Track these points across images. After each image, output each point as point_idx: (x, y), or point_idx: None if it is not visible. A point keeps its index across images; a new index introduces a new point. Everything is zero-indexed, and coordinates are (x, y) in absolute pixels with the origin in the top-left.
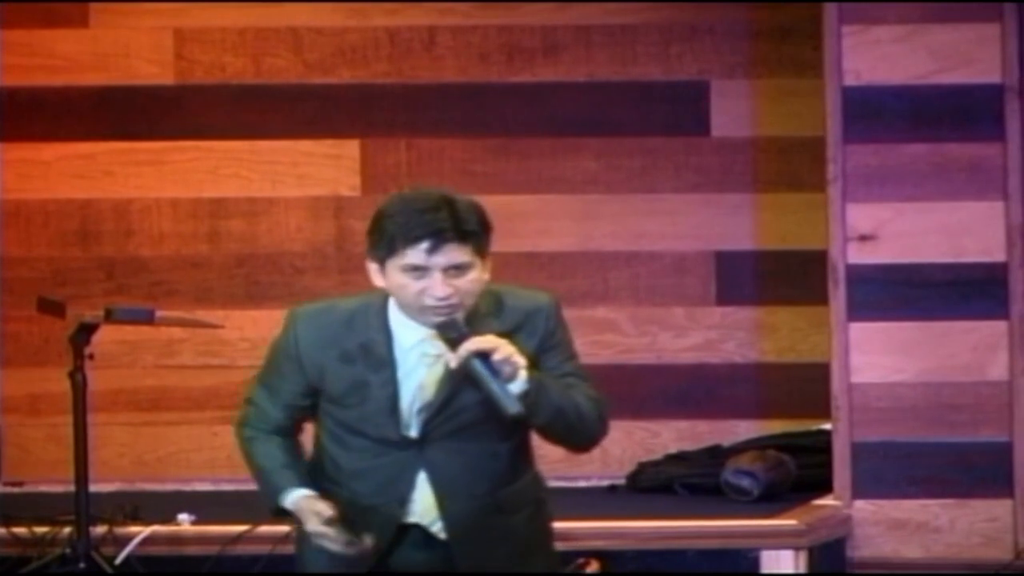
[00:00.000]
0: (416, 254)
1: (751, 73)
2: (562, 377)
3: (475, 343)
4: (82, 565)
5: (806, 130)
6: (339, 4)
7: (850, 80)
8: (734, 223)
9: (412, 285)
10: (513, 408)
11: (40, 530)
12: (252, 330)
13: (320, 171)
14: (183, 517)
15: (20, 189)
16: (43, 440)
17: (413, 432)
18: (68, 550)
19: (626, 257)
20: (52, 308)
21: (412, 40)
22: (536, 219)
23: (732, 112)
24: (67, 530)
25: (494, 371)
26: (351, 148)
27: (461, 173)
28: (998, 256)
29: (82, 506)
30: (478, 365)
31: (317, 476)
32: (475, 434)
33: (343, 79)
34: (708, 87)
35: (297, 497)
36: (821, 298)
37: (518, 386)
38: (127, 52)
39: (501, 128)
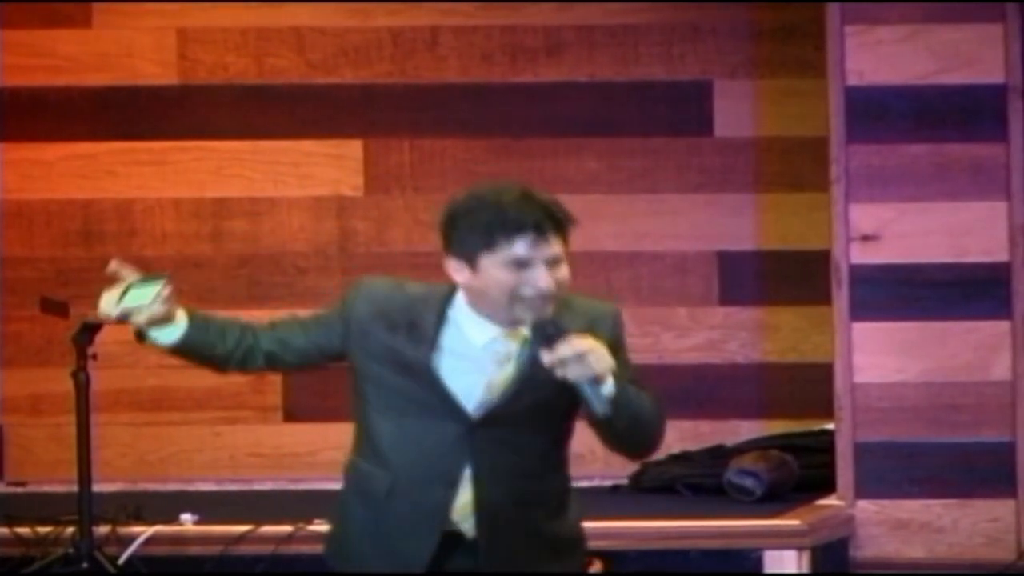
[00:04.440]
0: (521, 246)
1: (754, 73)
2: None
3: (576, 345)
4: (85, 565)
5: (809, 130)
6: (342, 4)
7: (853, 80)
8: (736, 223)
9: (513, 278)
10: (603, 410)
11: (43, 530)
12: None
13: (323, 171)
14: (186, 517)
15: (22, 189)
16: (46, 440)
17: (472, 416)
18: (71, 550)
19: (628, 257)
20: (55, 308)
21: (415, 40)
22: None
23: (735, 112)
24: (70, 530)
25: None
26: (354, 148)
27: (464, 173)
28: (1000, 256)
29: (85, 506)
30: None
31: (360, 460)
32: (526, 427)
33: (346, 79)
34: (711, 87)
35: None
36: (824, 298)
37: (607, 389)
38: (130, 52)
39: (504, 128)
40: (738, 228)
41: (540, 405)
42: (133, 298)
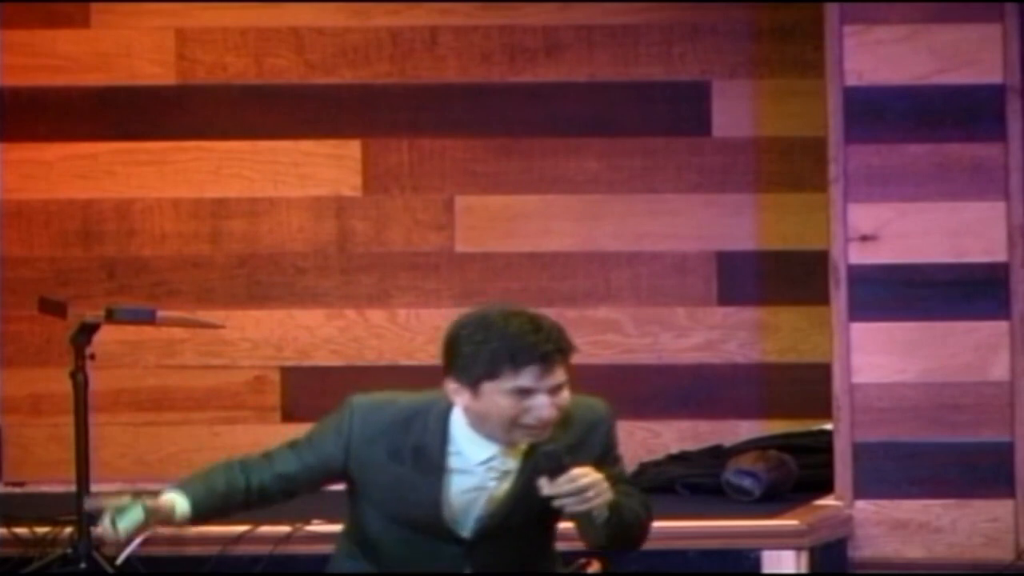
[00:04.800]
0: (527, 377)
1: (753, 73)
2: (616, 484)
3: (577, 481)
4: (83, 565)
5: (808, 130)
6: (341, 4)
7: (852, 80)
8: (736, 223)
9: (515, 406)
10: (599, 541)
11: (41, 530)
12: (254, 330)
13: (322, 171)
14: None
15: (22, 189)
16: (44, 440)
17: (465, 533)
18: (69, 550)
19: (628, 257)
20: (53, 308)
21: (414, 40)
22: (538, 219)
23: (734, 112)
24: (68, 530)
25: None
26: (353, 148)
27: (463, 173)
28: (1000, 256)
29: (83, 506)
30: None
31: (358, 551)
32: (524, 537)
33: (345, 79)
34: (710, 87)
35: (170, 495)
36: (822, 298)
37: (602, 515)
38: (129, 52)
39: (503, 128)
40: (737, 228)
41: (536, 514)
42: (127, 521)
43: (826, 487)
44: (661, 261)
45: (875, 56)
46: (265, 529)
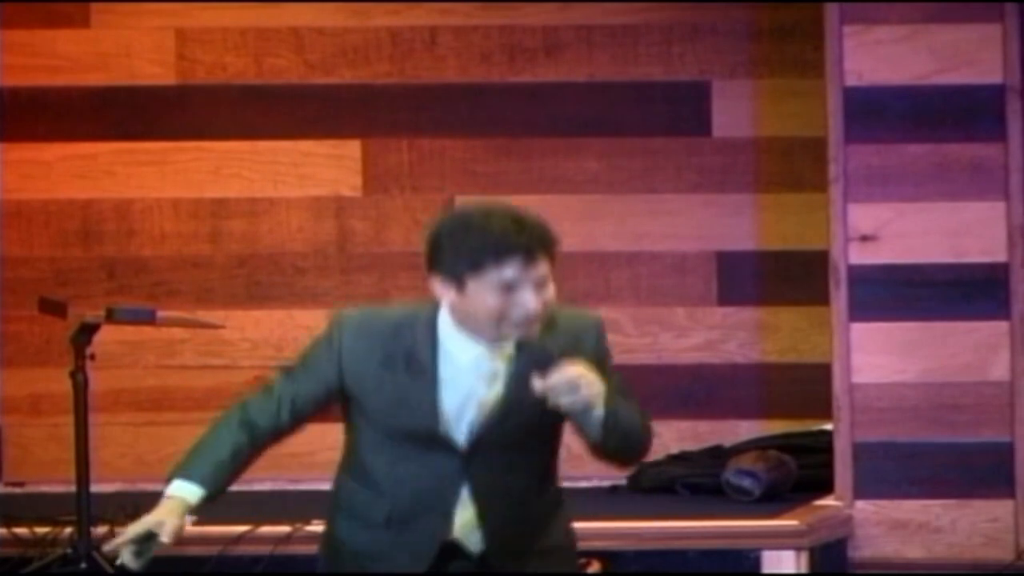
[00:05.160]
0: (510, 269)
1: (752, 73)
2: (612, 393)
3: (567, 374)
4: (83, 565)
5: (807, 130)
6: (341, 4)
7: (851, 80)
8: (735, 223)
9: (500, 300)
10: (596, 437)
11: (41, 530)
12: (253, 330)
13: (321, 171)
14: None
15: (21, 189)
16: (44, 440)
17: (461, 443)
18: (69, 550)
19: (627, 257)
20: (53, 308)
21: (414, 40)
22: None
23: (733, 112)
24: (68, 530)
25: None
26: (352, 148)
27: (463, 173)
28: (999, 256)
29: (83, 506)
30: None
31: (356, 485)
32: (519, 448)
33: (345, 79)
34: (709, 87)
35: (176, 494)
36: (822, 298)
37: (598, 414)
38: (128, 52)
39: (503, 128)
40: (737, 228)
41: (530, 424)
42: (149, 554)
43: (826, 487)
44: (661, 261)
45: (875, 56)
46: (265, 529)
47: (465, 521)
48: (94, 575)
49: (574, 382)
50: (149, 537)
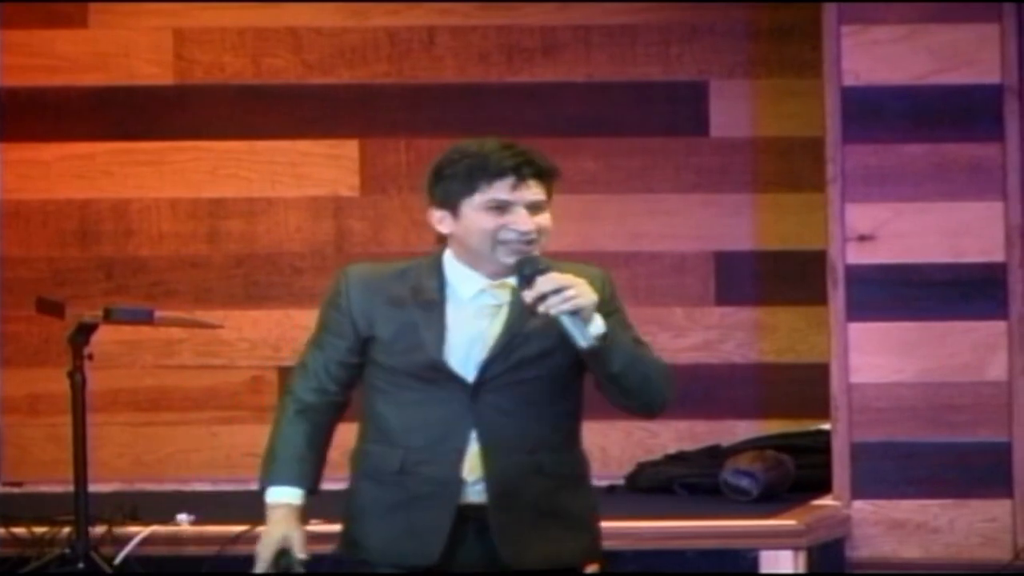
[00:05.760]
0: (501, 189)
1: (750, 73)
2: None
3: (553, 279)
4: (81, 565)
5: (805, 130)
6: (339, 4)
7: (849, 80)
8: (733, 223)
9: (493, 221)
10: (586, 342)
11: (39, 530)
12: (251, 330)
13: (319, 171)
14: (182, 517)
15: (20, 189)
16: (42, 440)
17: (468, 380)
18: (67, 550)
19: (625, 257)
20: (51, 308)
21: (411, 40)
22: None
23: (731, 112)
24: (66, 530)
25: (572, 311)
26: (350, 148)
27: None
28: (997, 256)
29: (81, 506)
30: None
31: (371, 446)
32: (528, 391)
33: (342, 79)
34: (707, 87)
35: (280, 500)
36: (820, 298)
37: (595, 328)
38: (127, 52)
39: (500, 128)
40: (735, 228)
41: (537, 360)
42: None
43: (824, 487)
44: (659, 261)
45: (873, 56)
46: (263, 529)
47: (474, 464)
48: (92, 575)
49: (562, 286)
50: (283, 553)
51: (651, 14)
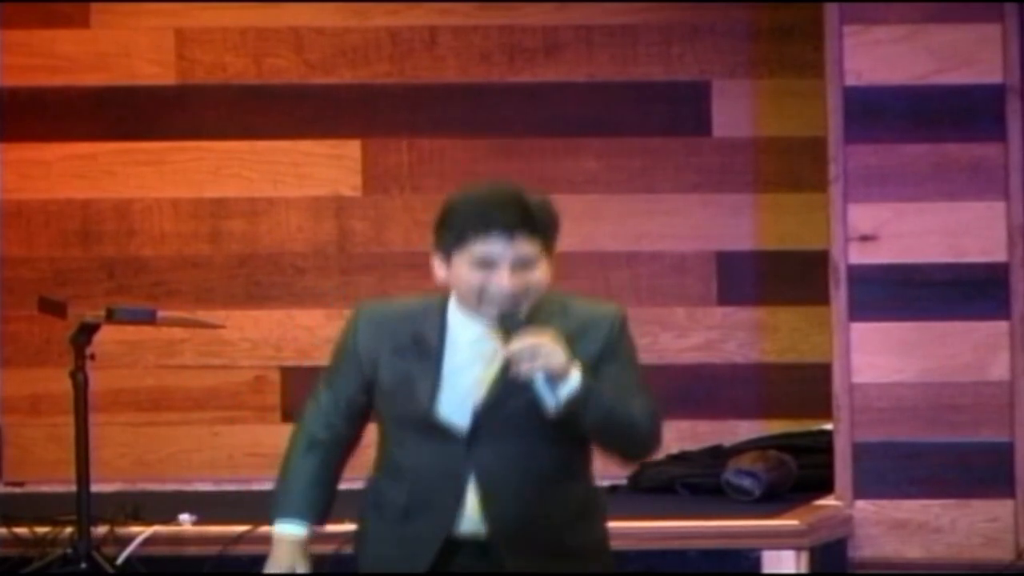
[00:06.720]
0: (486, 246)
1: (752, 73)
2: (621, 387)
3: (527, 340)
4: (83, 565)
5: (807, 130)
6: (340, 4)
7: (851, 80)
8: (735, 223)
9: (478, 277)
10: (553, 404)
11: (41, 530)
12: (253, 330)
13: (321, 171)
14: (184, 517)
15: (21, 189)
16: (44, 440)
17: (464, 428)
18: (69, 550)
19: (627, 257)
20: (53, 308)
21: (413, 40)
22: None
23: (733, 112)
24: (68, 530)
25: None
26: (352, 148)
27: (462, 173)
28: (999, 256)
29: (83, 506)
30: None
31: (384, 479)
32: (525, 434)
33: (344, 79)
34: (709, 87)
35: (284, 534)
36: (822, 298)
37: (569, 386)
38: (128, 52)
39: (502, 128)
40: (736, 228)
41: (530, 407)
42: None
43: (826, 487)
44: (660, 261)
45: (874, 56)
46: (265, 529)
47: (475, 509)
48: (94, 575)
49: (534, 348)
50: None
51: (652, 14)
